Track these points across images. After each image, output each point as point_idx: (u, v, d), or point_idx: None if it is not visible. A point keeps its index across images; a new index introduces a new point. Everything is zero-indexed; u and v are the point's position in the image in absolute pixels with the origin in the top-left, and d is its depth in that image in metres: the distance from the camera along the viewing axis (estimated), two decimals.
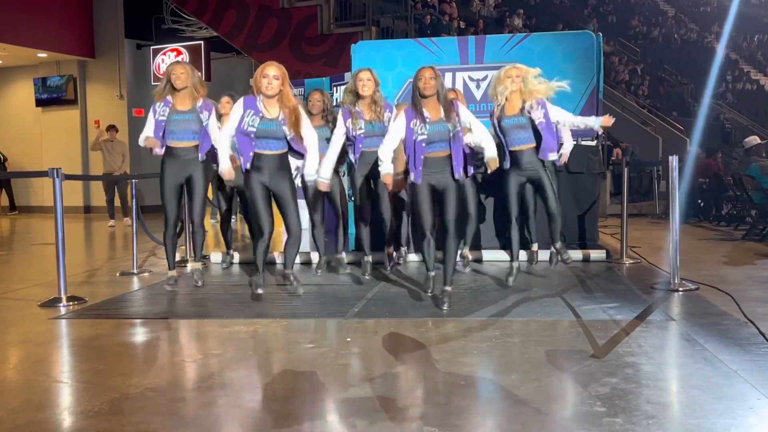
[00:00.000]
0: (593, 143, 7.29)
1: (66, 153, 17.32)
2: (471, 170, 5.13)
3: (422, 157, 4.82)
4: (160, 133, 5.46)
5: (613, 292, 5.45)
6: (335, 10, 14.29)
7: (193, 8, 15.68)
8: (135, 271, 6.85)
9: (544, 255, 6.61)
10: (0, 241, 11.45)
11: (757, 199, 9.48)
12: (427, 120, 4.79)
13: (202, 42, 17.04)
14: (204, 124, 5.52)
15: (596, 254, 7.11)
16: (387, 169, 4.90)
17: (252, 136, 4.94)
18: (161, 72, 17.12)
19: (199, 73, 5.60)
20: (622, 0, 27.88)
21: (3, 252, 9.66)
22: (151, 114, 5.52)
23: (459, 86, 7.54)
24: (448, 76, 7.56)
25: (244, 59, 17.86)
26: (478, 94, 7.54)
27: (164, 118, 5.44)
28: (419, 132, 4.80)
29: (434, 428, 2.72)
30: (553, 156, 5.58)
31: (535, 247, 6.60)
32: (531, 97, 5.45)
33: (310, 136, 5.14)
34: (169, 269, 5.86)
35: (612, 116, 5.76)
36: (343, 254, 6.52)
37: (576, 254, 7.02)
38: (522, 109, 5.48)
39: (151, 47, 17.37)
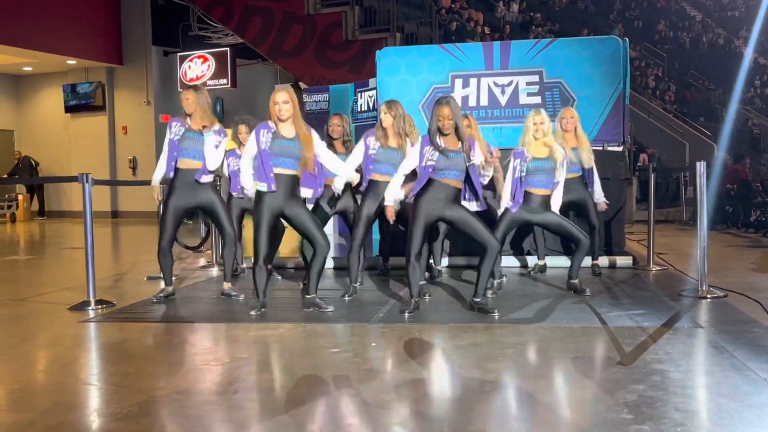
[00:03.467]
0: (620, 149, 7.24)
1: (94, 158, 17.57)
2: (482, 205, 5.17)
3: (428, 178, 4.82)
4: (174, 153, 5.45)
5: (640, 298, 5.40)
6: (360, 16, 14.33)
7: (219, 15, 15.81)
8: (162, 275, 6.90)
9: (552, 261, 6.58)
10: (31, 246, 11.63)
11: None
12: (441, 148, 4.78)
13: (228, 49, 17.20)
14: (212, 145, 5.45)
15: (623, 261, 7.06)
16: (392, 195, 4.96)
17: (268, 153, 4.89)
18: (188, 78, 17.33)
19: (208, 99, 5.52)
20: (648, 5, 27.66)
21: (34, 256, 9.81)
22: (167, 132, 5.53)
23: (484, 91, 7.54)
24: (473, 81, 7.56)
25: (270, 66, 17.99)
26: (503, 100, 7.52)
27: (178, 137, 5.46)
28: (429, 158, 4.80)
29: None
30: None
31: (541, 262, 6.61)
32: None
33: (328, 155, 5.14)
34: (165, 285, 5.72)
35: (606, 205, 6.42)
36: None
37: (602, 260, 6.98)
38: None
39: (178, 54, 17.56)
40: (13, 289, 6.87)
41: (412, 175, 5.05)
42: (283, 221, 5.32)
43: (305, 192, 5.13)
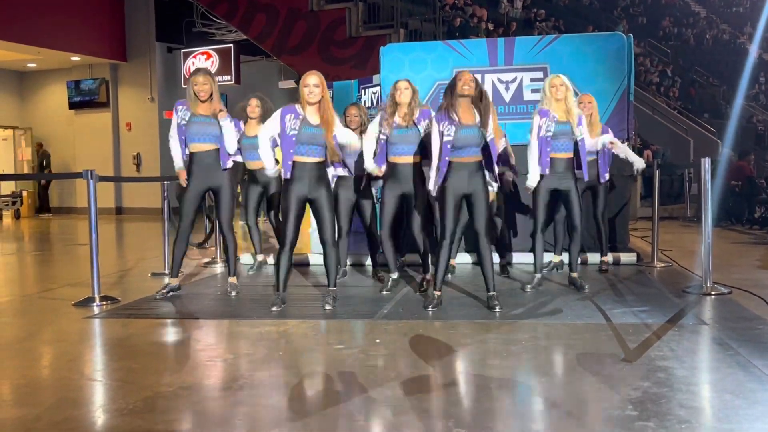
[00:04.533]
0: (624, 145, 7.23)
1: (98, 155, 17.57)
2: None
3: (447, 159, 4.83)
4: (182, 137, 5.48)
5: (644, 295, 5.40)
6: (363, 12, 14.31)
7: (223, 12, 15.80)
8: (166, 271, 6.92)
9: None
10: (36, 242, 11.65)
11: None
12: (456, 123, 4.79)
13: (231, 45, 17.17)
14: (232, 130, 5.49)
15: (627, 257, 7.05)
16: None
17: (293, 140, 4.90)
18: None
19: (215, 84, 5.55)
20: (652, 1, 27.57)
21: (39, 252, 9.83)
22: (174, 117, 5.54)
23: (488, 88, 7.51)
24: (477, 77, 7.53)
25: (274, 62, 17.97)
26: (507, 96, 7.51)
27: (185, 122, 5.46)
28: (447, 134, 4.81)
29: (464, 430, 2.72)
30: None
31: (557, 259, 6.59)
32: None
33: (345, 133, 5.13)
34: (171, 276, 5.69)
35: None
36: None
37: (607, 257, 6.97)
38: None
39: (182, 50, 17.55)
40: (18, 285, 6.89)
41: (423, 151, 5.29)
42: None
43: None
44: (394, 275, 5.77)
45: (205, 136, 5.44)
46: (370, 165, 5.51)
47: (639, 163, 6.52)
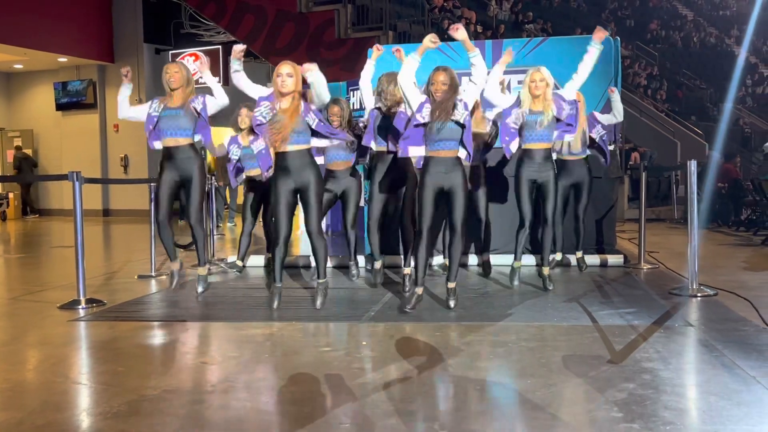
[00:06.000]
0: (611, 147, 7.25)
1: (86, 156, 17.49)
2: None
3: (426, 157, 4.87)
4: (150, 127, 5.50)
5: (631, 297, 5.42)
6: (352, 14, 14.31)
7: (212, 13, 15.77)
8: (153, 273, 6.90)
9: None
10: (20, 244, 11.57)
11: None
12: (435, 113, 4.80)
13: (220, 46, 17.15)
14: (200, 110, 5.52)
15: (614, 259, 7.07)
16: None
17: (266, 129, 4.89)
18: None
19: (189, 72, 5.63)
20: (640, 4, 27.72)
21: (23, 255, 9.77)
22: (146, 105, 5.60)
23: None
24: (465, 80, 7.53)
25: (262, 64, 17.94)
26: None
27: (157, 114, 5.48)
28: (424, 115, 4.80)
29: None
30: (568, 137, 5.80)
31: (559, 255, 6.61)
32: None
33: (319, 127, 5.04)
34: (171, 260, 5.90)
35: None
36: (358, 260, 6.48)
37: (593, 259, 7.00)
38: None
39: (170, 52, 17.51)
40: (2, 287, 6.84)
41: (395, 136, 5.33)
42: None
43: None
44: (379, 263, 6.03)
45: (178, 130, 5.47)
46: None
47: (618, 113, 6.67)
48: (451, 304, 4.97)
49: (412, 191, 5.52)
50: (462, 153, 4.86)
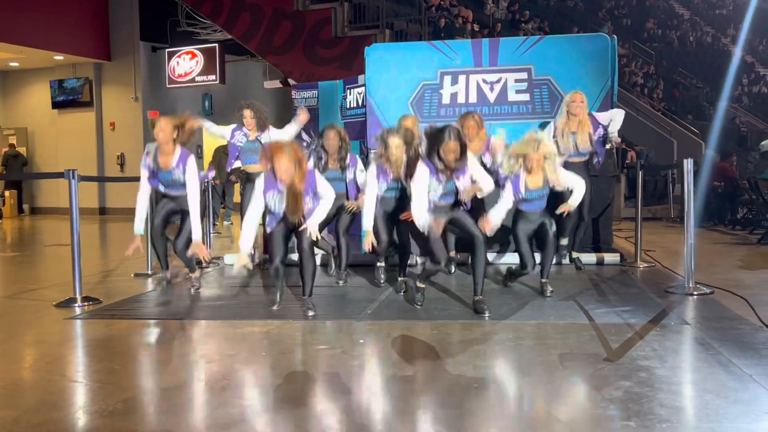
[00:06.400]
0: (607, 146, 7.26)
1: (81, 155, 17.45)
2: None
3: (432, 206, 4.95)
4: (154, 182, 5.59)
5: (627, 295, 5.42)
6: (349, 12, 14.29)
7: (208, 11, 15.72)
8: (149, 272, 6.89)
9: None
10: (16, 243, 11.55)
11: None
12: (442, 180, 4.89)
13: (216, 45, 17.11)
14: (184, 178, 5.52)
15: (610, 257, 7.08)
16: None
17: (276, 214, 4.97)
18: (176, 75, 17.24)
19: (178, 122, 5.53)
20: (637, 3, 27.75)
21: (19, 253, 9.75)
22: (142, 164, 5.61)
23: (473, 89, 7.51)
24: (462, 78, 7.54)
25: (259, 62, 17.92)
26: (491, 97, 7.51)
27: (153, 168, 5.56)
28: (434, 189, 4.89)
29: (446, 430, 2.72)
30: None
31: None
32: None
33: (324, 196, 5.05)
34: (162, 269, 5.94)
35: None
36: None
37: (590, 257, 7.01)
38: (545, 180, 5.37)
39: (167, 50, 17.47)
40: None
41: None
42: None
43: None
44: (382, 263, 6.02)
45: (172, 187, 5.57)
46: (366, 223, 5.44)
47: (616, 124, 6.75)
48: (487, 314, 4.79)
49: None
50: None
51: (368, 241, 5.21)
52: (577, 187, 5.43)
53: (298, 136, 7.02)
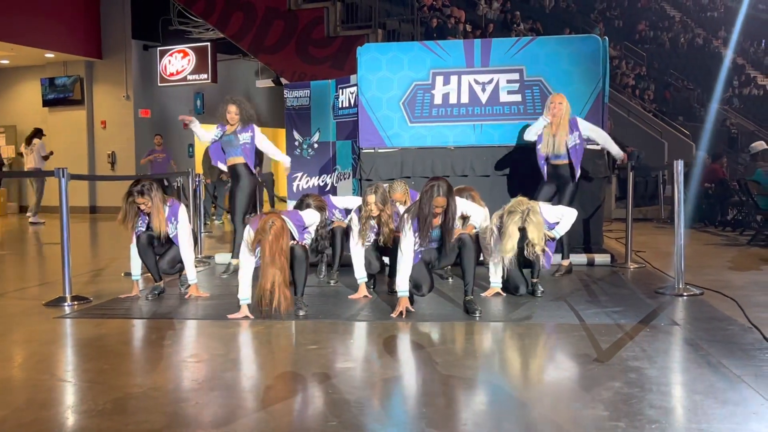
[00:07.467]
0: (598, 147, 7.28)
1: (73, 153, 17.36)
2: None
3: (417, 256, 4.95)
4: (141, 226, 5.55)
5: (618, 296, 5.44)
6: (342, 12, 14.29)
7: (200, 10, 15.69)
8: (139, 271, 6.85)
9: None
10: (6, 241, 11.49)
11: (763, 205, 9.46)
12: (429, 235, 4.83)
13: (208, 43, 17.07)
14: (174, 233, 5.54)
15: (601, 258, 7.10)
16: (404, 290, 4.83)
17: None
18: (168, 73, 17.18)
19: (160, 197, 5.49)
20: (628, 4, 27.85)
21: (8, 251, 9.70)
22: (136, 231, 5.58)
23: (464, 89, 7.53)
24: (454, 79, 7.56)
25: (251, 61, 17.89)
26: (483, 98, 7.53)
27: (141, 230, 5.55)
28: (419, 244, 4.86)
29: (436, 430, 2.72)
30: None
31: (566, 261, 6.53)
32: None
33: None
34: (155, 281, 5.74)
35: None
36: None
37: (580, 258, 7.02)
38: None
39: (158, 48, 17.41)
40: None
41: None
42: None
43: None
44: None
45: (167, 241, 5.61)
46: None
47: (615, 151, 6.85)
48: (477, 315, 4.76)
49: None
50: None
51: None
52: (563, 219, 5.67)
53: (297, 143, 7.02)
